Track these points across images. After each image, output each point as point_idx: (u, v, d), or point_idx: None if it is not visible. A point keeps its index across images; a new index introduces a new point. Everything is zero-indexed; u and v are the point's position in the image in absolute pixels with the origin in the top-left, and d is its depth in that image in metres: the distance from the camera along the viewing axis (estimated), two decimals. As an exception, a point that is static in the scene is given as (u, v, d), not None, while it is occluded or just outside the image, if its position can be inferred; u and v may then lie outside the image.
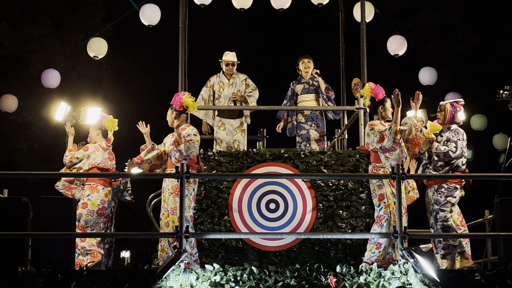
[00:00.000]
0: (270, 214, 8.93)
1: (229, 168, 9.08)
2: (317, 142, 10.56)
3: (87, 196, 9.11)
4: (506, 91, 8.84)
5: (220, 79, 10.64)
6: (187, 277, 6.74)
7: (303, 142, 10.59)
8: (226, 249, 8.76)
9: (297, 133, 10.73)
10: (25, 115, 17.66)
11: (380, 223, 8.04)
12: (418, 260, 6.79)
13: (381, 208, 8.04)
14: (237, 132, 10.44)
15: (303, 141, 10.60)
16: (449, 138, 8.42)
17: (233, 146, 10.29)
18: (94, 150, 9.36)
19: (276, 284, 6.78)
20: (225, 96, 10.56)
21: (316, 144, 10.53)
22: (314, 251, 8.81)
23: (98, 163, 9.27)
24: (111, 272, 6.93)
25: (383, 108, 8.30)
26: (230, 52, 10.73)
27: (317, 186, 9.00)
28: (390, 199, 8.01)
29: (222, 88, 10.59)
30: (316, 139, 10.58)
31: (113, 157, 9.51)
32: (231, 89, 10.58)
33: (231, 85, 10.59)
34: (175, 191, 7.98)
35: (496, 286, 6.87)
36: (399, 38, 12.35)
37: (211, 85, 10.64)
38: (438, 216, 8.23)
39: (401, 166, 7.36)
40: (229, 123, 10.47)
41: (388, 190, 8.01)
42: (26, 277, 6.70)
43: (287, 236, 8.80)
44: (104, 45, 12.47)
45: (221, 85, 10.60)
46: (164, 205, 8.18)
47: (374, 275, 6.87)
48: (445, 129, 8.54)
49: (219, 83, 10.60)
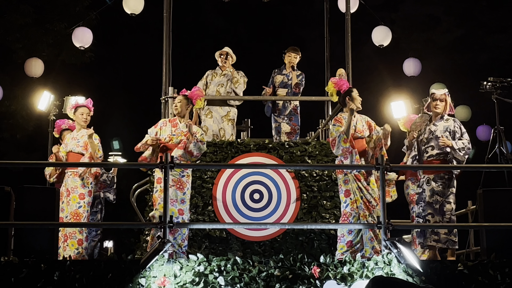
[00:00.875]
0: (254, 204, 8.94)
1: (214, 158, 9.08)
2: (287, 135, 10.53)
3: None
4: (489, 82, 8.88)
5: (214, 71, 10.65)
6: (170, 267, 6.73)
7: (275, 135, 10.60)
8: (210, 239, 8.76)
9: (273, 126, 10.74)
10: (8, 104, 17.54)
11: (348, 220, 8.06)
12: (402, 251, 6.80)
13: (348, 204, 8.06)
14: (223, 120, 10.40)
15: (275, 134, 10.62)
16: (454, 130, 8.35)
17: (219, 134, 10.26)
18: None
19: (260, 274, 6.78)
20: (215, 83, 10.53)
21: (286, 136, 10.50)
22: (298, 241, 8.83)
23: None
24: (95, 262, 6.91)
25: (350, 99, 8.25)
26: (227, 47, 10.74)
27: (301, 177, 9.01)
28: (356, 194, 8.03)
29: (214, 77, 10.58)
30: (287, 132, 10.56)
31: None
32: (221, 78, 10.55)
33: (223, 75, 10.57)
34: (177, 183, 8.01)
35: (478, 277, 6.90)
36: (384, 28, 12.36)
37: (206, 76, 10.64)
38: (445, 209, 8.17)
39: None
40: (217, 111, 10.43)
41: (354, 185, 8.03)
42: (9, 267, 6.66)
43: (271, 226, 8.81)
44: (89, 35, 12.40)
45: (214, 75, 10.60)
46: (161, 195, 8.19)
47: (357, 265, 6.88)
48: (439, 119, 8.45)
49: (212, 74, 10.60)
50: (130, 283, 6.62)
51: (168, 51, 9.97)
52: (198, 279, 6.70)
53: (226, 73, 10.57)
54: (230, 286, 6.71)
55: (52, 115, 11.84)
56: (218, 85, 10.53)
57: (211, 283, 6.70)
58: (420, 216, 8.25)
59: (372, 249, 7.94)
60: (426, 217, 8.20)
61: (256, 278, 6.76)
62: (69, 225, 8.91)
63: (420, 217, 8.26)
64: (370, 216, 8.01)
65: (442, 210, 8.18)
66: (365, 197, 8.04)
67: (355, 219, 8.04)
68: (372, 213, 8.01)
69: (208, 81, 10.59)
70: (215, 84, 10.54)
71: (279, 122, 10.63)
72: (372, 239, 7.96)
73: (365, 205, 8.03)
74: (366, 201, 8.04)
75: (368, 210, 8.02)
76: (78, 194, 8.94)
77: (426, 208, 8.20)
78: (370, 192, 8.03)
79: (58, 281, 6.60)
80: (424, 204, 8.21)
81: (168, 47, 9.99)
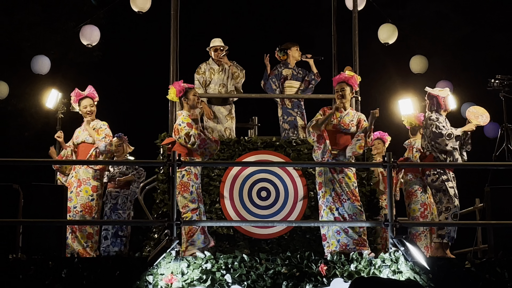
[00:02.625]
0: (261, 202, 8.94)
1: (221, 156, 9.08)
2: (303, 129, 10.51)
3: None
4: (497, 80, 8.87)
5: (210, 65, 10.59)
6: (178, 264, 6.75)
7: (291, 129, 10.52)
8: (217, 237, 8.77)
9: (284, 119, 10.66)
10: (15, 103, 17.59)
11: (320, 214, 8.15)
12: (409, 248, 6.81)
13: (320, 197, 8.16)
14: (227, 120, 10.37)
15: (290, 128, 10.52)
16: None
17: (225, 134, 10.24)
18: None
19: (267, 272, 6.80)
20: (215, 82, 10.51)
21: (303, 131, 10.48)
22: (305, 239, 8.83)
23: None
24: (102, 260, 6.94)
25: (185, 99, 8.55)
26: (217, 38, 10.69)
27: (308, 174, 9.01)
28: (327, 186, 8.09)
29: (212, 74, 10.55)
30: (303, 126, 10.53)
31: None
32: (221, 75, 10.53)
33: (221, 71, 10.55)
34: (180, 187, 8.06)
35: (486, 275, 6.91)
36: (390, 26, 12.33)
37: (203, 72, 10.59)
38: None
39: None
40: (219, 111, 10.38)
41: (327, 177, 8.09)
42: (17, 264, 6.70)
43: (278, 224, 8.82)
44: (97, 33, 12.41)
45: (211, 71, 10.56)
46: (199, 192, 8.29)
47: (364, 263, 6.90)
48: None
49: (210, 70, 10.56)
50: (137, 281, 6.65)
51: (175, 49, 9.96)
52: (205, 277, 6.72)
53: (224, 68, 10.52)
54: (237, 284, 6.73)
55: (60, 113, 11.87)
56: (219, 85, 10.48)
57: (218, 280, 6.72)
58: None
59: (338, 242, 7.97)
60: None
61: (263, 275, 6.78)
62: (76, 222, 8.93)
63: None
64: (339, 209, 8.03)
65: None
66: (335, 190, 8.07)
67: (325, 213, 8.10)
68: (341, 207, 8.03)
69: (207, 78, 10.53)
70: (215, 84, 10.49)
71: (294, 115, 10.56)
72: (339, 233, 8.00)
73: (334, 198, 8.06)
74: (336, 194, 8.07)
75: (337, 203, 8.05)
76: (91, 186, 8.94)
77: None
78: (344, 185, 8.06)
79: (66, 278, 6.64)
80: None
81: (176, 44, 9.98)
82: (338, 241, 7.99)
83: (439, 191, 8.21)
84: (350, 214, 7.98)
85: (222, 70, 10.52)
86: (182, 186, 8.00)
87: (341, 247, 7.92)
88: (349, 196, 8.03)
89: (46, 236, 7.30)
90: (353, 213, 7.99)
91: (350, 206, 8.00)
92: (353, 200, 8.03)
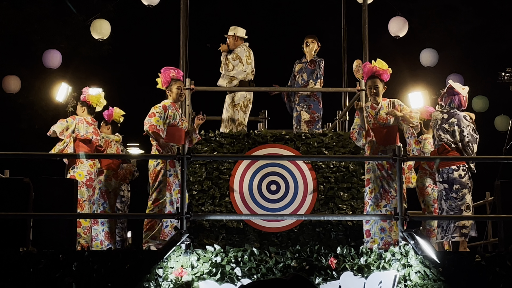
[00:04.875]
0: (271, 195, 8.95)
1: (230, 149, 9.09)
2: (307, 123, 10.47)
3: (73, 169, 9.13)
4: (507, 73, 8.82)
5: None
6: (188, 258, 6.76)
7: (295, 125, 10.55)
8: (227, 230, 8.78)
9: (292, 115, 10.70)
10: (26, 96, 17.64)
11: (366, 209, 8.14)
12: (419, 242, 6.80)
13: (366, 193, 8.16)
14: (230, 108, 10.25)
15: (295, 124, 10.56)
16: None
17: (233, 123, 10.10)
18: (78, 121, 9.38)
19: (277, 265, 6.80)
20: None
21: (305, 125, 10.45)
22: (315, 233, 8.84)
23: (81, 135, 9.30)
24: (112, 253, 6.96)
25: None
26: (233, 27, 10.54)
27: (318, 168, 9.01)
28: (376, 183, 8.05)
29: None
30: (307, 120, 10.49)
31: (98, 133, 9.54)
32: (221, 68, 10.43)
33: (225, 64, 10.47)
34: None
35: (496, 268, 6.89)
36: (400, 19, 12.31)
37: None
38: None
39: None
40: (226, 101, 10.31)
41: (375, 174, 8.06)
42: (27, 257, 6.72)
43: (288, 217, 8.82)
44: (108, 27, 12.44)
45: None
46: (175, 181, 8.37)
47: (374, 256, 6.89)
48: None
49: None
50: (147, 274, 6.67)
51: (185, 43, 9.96)
52: (215, 270, 6.73)
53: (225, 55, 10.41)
54: (247, 277, 6.74)
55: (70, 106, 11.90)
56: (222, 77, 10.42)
57: (228, 273, 6.73)
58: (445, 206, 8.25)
59: (381, 240, 7.97)
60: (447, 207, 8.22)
61: (273, 269, 6.78)
62: (86, 216, 8.98)
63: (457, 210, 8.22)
64: (387, 206, 8.01)
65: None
66: (384, 187, 8.05)
67: (371, 208, 8.07)
68: (389, 203, 8.01)
69: None
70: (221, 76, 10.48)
71: (299, 110, 10.56)
72: (383, 230, 7.98)
73: (382, 195, 8.04)
74: (384, 191, 8.05)
75: (385, 200, 8.02)
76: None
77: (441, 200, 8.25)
78: (392, 182, 8.02)
79: (76, 271, 6.66)
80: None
81: (185, 38, 9.98)
82: (382, 239, 7.98)
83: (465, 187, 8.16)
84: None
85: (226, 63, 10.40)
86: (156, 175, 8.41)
87: (384, 245, 7.91)
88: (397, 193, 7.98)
89: (56, 229, 7.32)
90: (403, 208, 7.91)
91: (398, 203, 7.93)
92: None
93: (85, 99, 9.59)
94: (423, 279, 6.80)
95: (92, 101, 9.57)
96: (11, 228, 7.07)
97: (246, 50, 10.23)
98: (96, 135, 9.41)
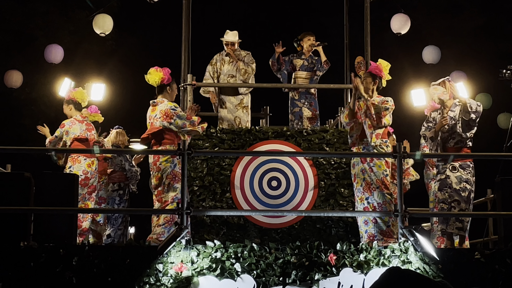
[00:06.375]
0: (272, 191, 8.96)
1: (232, 145, 9.10)
2: (309, 120, 10.51)
3: (69, 168, 9.16)
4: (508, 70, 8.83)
5: (222, 56, 10.64)
6: (188, 253, 6.78)
7: (295, 120, 10.55)
8: (227, 226, 8.80)
9: (290, 111, 10.69)
10: (28, 91, 17.67)
11: (356, 204, 8.19)
12: (418, 239, 6.80)
13: (355, 188, 8.18)
14: (238, 109, 10.42)
15: (295, 119, 10.56)
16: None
17: (235, 123, 10.28)
18: (70, 124, 9.43)
19: (277, 261, 6.81)
20: (225, 73, 10.55)
21: (308, 122, 10.48)
22: (315, 229, 8.85)
23: (78, 135, 9.34)
24: (113, 248, 6.98)
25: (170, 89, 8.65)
26: (231, 31, 10.66)
27: (319, 164, 9.02)
28: (359, 176, 8.09)
29: (223, 64, 10.59)
30: (309, 117, 10.53)
31: (92, 127, 9.58)
32: (230, 66, 10.56)
33: (231, 62, 10.58)
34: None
35: (495, 265, 6.89)
36: (403, 16, 12.28)
37: (215, 63, 10.63)
38: (471, 197, 8.21)
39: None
40: (230, 101, 10.48)
41: (358, 167, 8.11)
42: (28, 252, 6.75)
43: (288, 213, 8.83)
44: (110, 22, 12.45)
45: (222, 62, 10.60)
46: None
47: (374, 253, 6.90)
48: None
49: (221, 61, 10.60)
50: (147, 269, 6.69)
51: (187, 38, 9.98)
52: (215, 265, 6.75)
53: (233, 60, 10.56)
54: (246, 273, 6.76)
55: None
56: (228, 75, 10.53)
57: (228, 269, 6.75)
58: (446, 202, 8.22)
59: (365, 232, 7.98)
60: (452, 203, 8.18)
61: (273, 264, 6.80)
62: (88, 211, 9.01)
63: (445, 203, 8.23)
64: (369, 198, 8.02)
65: (469, 199, 8.19)
66: (365, 180, 8.06)
67: (357, 203, 8.12)
68: (371, 196, 8.01)
69: (218, 68, 10.58)
70: (224, 74, 10.54)
71: (300, 106, 10.59)
72: (366, 223, 8.00)
73: (364, 188, 8.05)
74: (366, 183, 8.06)
75: (367, 193, 8.03)
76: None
77: (453, 194, 8.18)
78: (373, 174, 8.02)
79: (77, 266, 6.69)
80: (450, 191, 8.19)
81: (188, 34, 10.00)
82: (366, 232, 7.99)
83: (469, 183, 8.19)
84: (379, 203, 7.90)
85: (232, 62, 10.55)
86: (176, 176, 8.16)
87: (368, 237, 7.92)
88: (378, 185, 7.98)
89: (57, 224, 7.35)
90: (383, 202, 7.87)
91: (379, 194, 7.92)
92: (382, 188, 7.94)
93: (70, 96, 9.64)
94: (422, 276, 6.80)
95: (77, 97, 9.60)
96: (12, 222, 7.09)
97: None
98: (90, 131, 9.47)
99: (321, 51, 10.74)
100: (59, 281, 6.63)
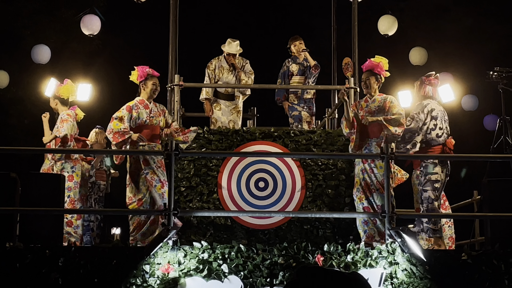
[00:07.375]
0: (259, 192, 8.94)
1: (219, 146, 9.08)
2: (308, 124, 10.63)
3: (72, 168, 9.11)
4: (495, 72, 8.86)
5: (221, 63, 10.64)
6: (175, 254, 6.76)
7: (294, 123, 10.62)
8: (214, 227, 8.78)
9: (289, 114, 10.74)
10: (15, 91, 17.58)
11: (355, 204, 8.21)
12: (406, 240, 6.82)
13: (354, 187, 8.19)
14: (232, 112, 10.49)
15: (294, 122, 10.63)
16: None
17: (228, 126, 10.31)
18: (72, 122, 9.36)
19: (264, 262, 6.81)
20: (223, 80, 10.57)
21: (307, 125, 10.60)
22: (302, 230, 8.84)
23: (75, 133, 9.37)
24: (99, 249, 6.95)
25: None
26: (233, 41, 10.60)
27: (306, 165, 9.01)
28: (359, 176, 8.12)
29: (221, 72, 10.59)
30: (308, 120, 10.66)
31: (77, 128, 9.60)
32: (230, 76, 10.56)
33: (231, 71, 10.58)
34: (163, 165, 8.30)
35: (482, 266, 6.92)
36: (390, 18, 12.32)
37: (213, 69, 10.61)
38: (423, 197, 8.28)
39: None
40: (225, 104, 10.52)
41: (359, 167, 8.14)
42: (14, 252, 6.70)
43: (275, 214, 8.82)
44: (98, 22, 12.41)
45: (221, 70, 10.61)
46: (154, 177, 8.27)
47: (361, 254, 6.90)
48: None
49: (220, 68, 10.60)
50: (134, 270, 6.66)
51: (174, 39, 9.95)
52: (202, 266, 6.74)
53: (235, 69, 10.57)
54: (233, 274, 6.75)
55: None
56: (227, 84, 10.54)
57: (215, 270, 6.74)
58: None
59: (364, 233, 7.99)
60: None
61: (260, 266, 6.79)
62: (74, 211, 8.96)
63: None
64: (367, 199, 8.03)
65: (421, 199, 8.29)
66: (365, 180, 8.06)
67: (356, 203, 8.13)
68: (370, 196, 8.02)
69: (216, 75, 10.57)
70: (223, 82, 10.56)
71: (299, 110, 10.67)
72: (366, 223, 8.01)
73: (364, 188, 8.05)
74: (366, 184, 8.06)
75: (367, 193, 8.04)
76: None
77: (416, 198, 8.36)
78: (376, 174, 8.02)
79: (63, 267, 6.65)
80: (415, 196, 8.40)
81: (175, 34, 9.97)
82: (365, 232, 8.00)
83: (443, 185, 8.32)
84: (378, 205, 7.91)
85: (232, 71, 10.57)
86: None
87: (367, 238, 7.93)
88: (378, 187, 7.98)
89: (43, 224, 7.31)
90: (382, 204, 7.88)
91: (379, 196, 7.94)
92: (382, 190, 7.90)
93: (55, 92, 9.58)
94: (409, 277, 6.82)
95: (63, 93, 9.53)
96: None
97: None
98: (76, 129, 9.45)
99: (308, 56, 10.75)
100: (45, 282, 6.60)
